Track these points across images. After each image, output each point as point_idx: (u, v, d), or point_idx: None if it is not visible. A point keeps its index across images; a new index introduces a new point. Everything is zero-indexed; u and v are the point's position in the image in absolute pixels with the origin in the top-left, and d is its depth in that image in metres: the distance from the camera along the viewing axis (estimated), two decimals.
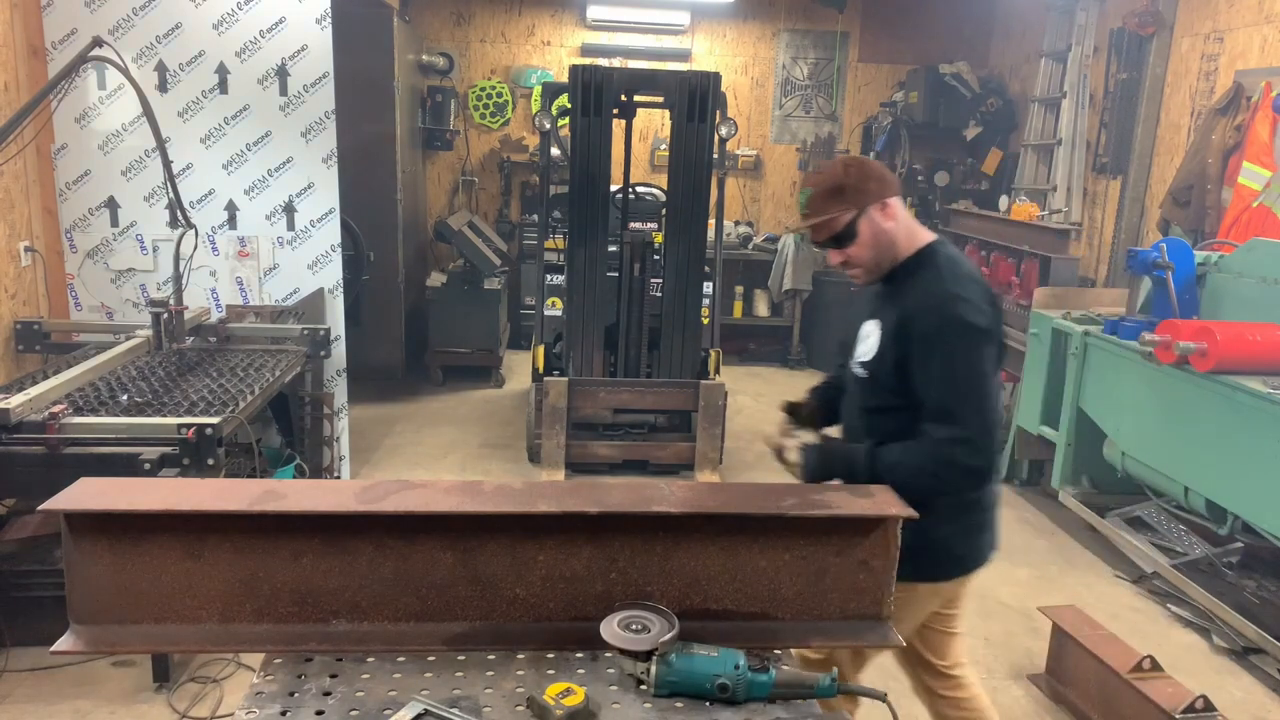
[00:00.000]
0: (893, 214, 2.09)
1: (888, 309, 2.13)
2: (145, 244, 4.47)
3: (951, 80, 7.60)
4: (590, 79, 4.84)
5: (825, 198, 2.07)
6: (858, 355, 2.19)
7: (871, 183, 2.07)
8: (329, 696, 1.55)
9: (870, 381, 2.15)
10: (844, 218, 2.07)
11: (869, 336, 2.16)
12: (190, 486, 1.76)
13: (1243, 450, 3.49)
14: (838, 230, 2.09)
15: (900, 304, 2.10)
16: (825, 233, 2.10)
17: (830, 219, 2.07)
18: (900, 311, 2.08)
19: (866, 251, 2.11)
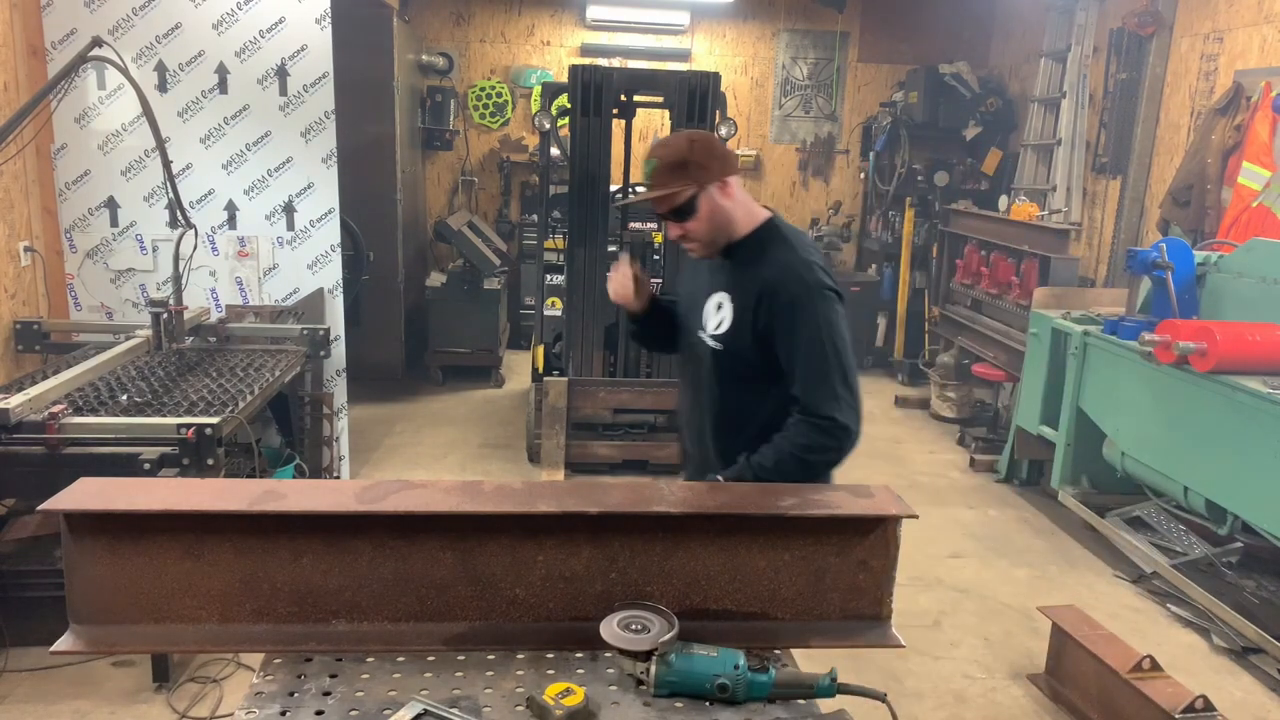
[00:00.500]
0: (731, 193, 2.14)
1: (739, 282, 2.17)
2: (145, 244, 4.47)
3: (951, 80, 7.60)
4: (590, 79, 4.84)
5: (669, 171, 2.10)
6: (709, 329, 2.19)
7: (715, 161, 2.12)
8: (329, 696, 1.55)
9: (725, 354, 2.17)
10: (685, 193, 2.10)
11: (721, 309, 2.18)
12: (190, 486, 1.76)
13: (1243, 450, 3.49)
14: (679, 204, 2.12)
15: (755, 277, 2.13)
16: (666, 205, 2.13)
17: (673, 193, 2.10)
18: (759, 284, 2.11)
19: (704, 226, 2.15)
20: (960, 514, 4.99)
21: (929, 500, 5.15)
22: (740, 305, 2.15)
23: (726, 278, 2.20)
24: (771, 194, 8.55)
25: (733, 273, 2.19)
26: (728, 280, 2.20)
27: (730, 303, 2.16)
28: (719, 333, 2.17)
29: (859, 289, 7.90)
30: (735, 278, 2.18)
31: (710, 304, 2.20)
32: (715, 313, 2.19)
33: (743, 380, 2.18)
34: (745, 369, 2.16)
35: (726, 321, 2.16)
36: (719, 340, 2.17)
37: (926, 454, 5.99)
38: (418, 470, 5.26)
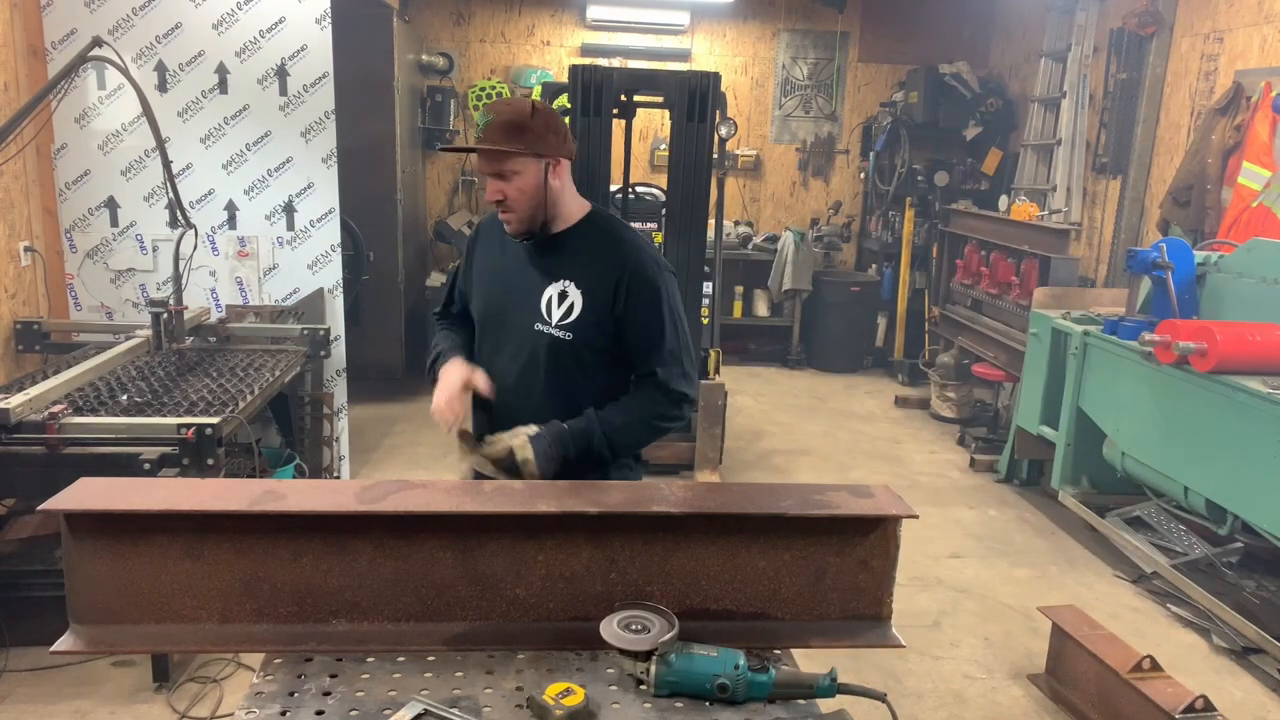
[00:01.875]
0: (561, 175, 2.13)
1: (585, 269, 2.15)
2: (145, 244, 4.47)
3: (951, 80, 7.60)
4: (590, 79, 4.84)
5: (506, 130, 2.04)
6: (552, 319, 2.14)
7: (553, 136, 2.09)
8: (329, 696, 1.55)
9: (574, 343, 2.14)
10: (518, 157, 2.06)
11: (566, 298, 2.14)
12: (190, 486, 1.76)
13: (1243, 450, 3.49)
14: (504, 166, 2.06)
15: (607, 262, 2.14)
16: (495, 165, 2.06)
17: (505, 152, 2.05)
18: (616, 270, 2.13)
19: (526, 199, 2.10)
20: (960, 514, 4.99)
21: (929, 500, 5.15)
22: (592, 292, 2.13)
23: (563, 266, 2.16)
24: (771, 194, 8.55)
25: (570, 261, 2.16)
26: (565, 269, 2.16)
27: (577, 290, 2.14)
28: (568, 322, 2.14)
29: (859, 289, 7.92)
30: (576, 266, 2.16)
31: (548, 295, 2.15)
32: (559, 302, 2.15)
33: (584, 366, 2.17)
34: (592, 354, 2.16)
35: (577, 309, 2.13)
36: (568, 329, 2.14)
37: (926, 454, 5.99)
38: (418, 470, 5.26)
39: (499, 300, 2.25)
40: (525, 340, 2.18)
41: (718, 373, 5.23)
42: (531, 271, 2.19)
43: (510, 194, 2.09)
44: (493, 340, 2.26)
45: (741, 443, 5.95)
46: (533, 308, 2.16)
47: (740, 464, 5.61)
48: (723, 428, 5.15)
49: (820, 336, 7.98)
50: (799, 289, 7.80)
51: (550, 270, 2.17)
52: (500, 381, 2.21)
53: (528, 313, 2.17)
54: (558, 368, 2.17)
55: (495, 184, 2.09)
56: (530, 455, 2.03)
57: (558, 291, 2.15)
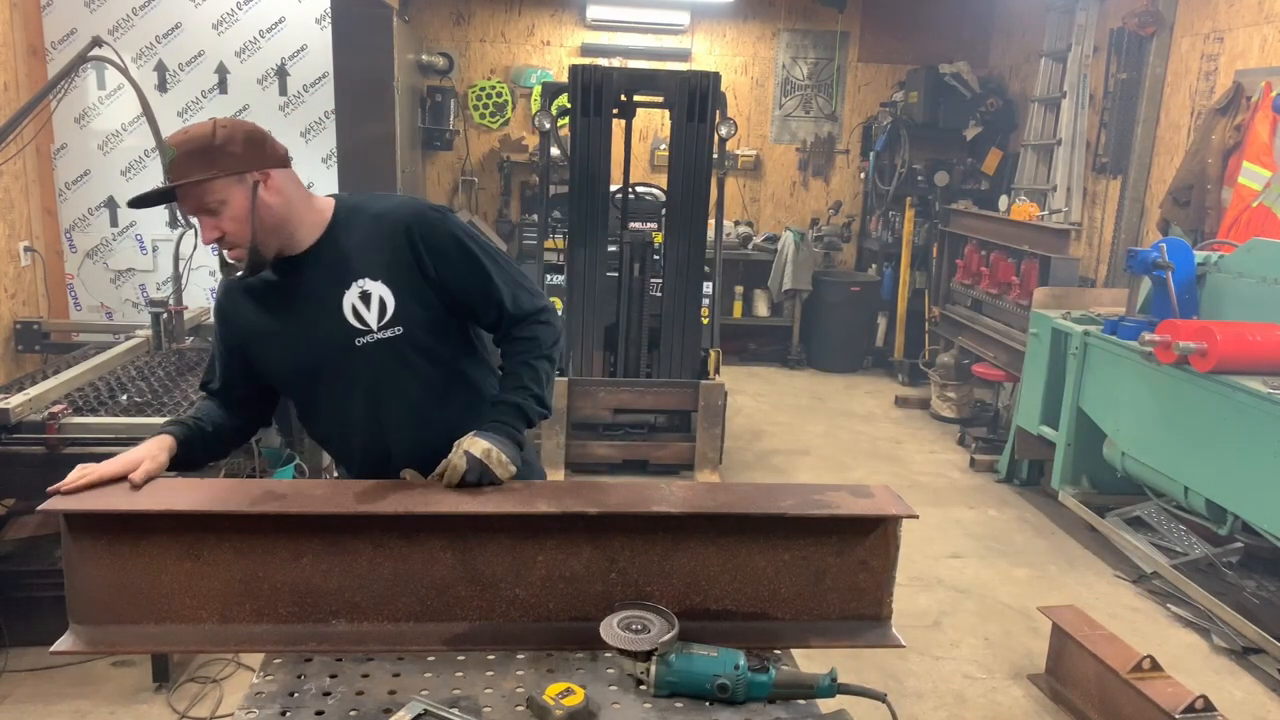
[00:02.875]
0: (277, 187, 1.84)
1: (365, 262, 1.90)
2: (145, 244, 4.48)
3: (951, 80, 7.60)
4: (590, 79, 4.84)
5: (190, 160, 1.76)
6: (374, 324, 1.89)
7: (248, 148, 1.80)
8: (329, 697, 1.55)
9: (409, 334, 1.91)
10: (214, 185, 1.78)
11: (371, 298, 1.89)
12: (190, 486, 1.76)
13: (1243, 450, 3.49)
14: (206, 200, 1.78)
15: (380, 243, 1.91)
16: (194, 202, 1.79)
17: (196, 184, 1.76)
18: (394, 243, 1.91)
19: (242, 227, 1.81)
20: (960, 514, 4.99)
21: (929, 500, 5.15)
22: (391, 275, 1.90)
23: (344, 270, 1.90)
24: (771, 194, 8.55)
25: (348, 261, 1.90)
26: (349, 271, 1.90)
27: (376, 283, 1.89)
28: (389, 318, 1.90)
29: (859, 289, 7.92)
30: (356, 262, 1.90)
31: (349, 304, 1.89)
32: (367, 306, 1.89)
33: (429, 351, 1.96)
34: (430, 334, 1.95)
35: (390, 303, 1.90)
36: (395, 325, 1.90)
37: (926, 454, 5.99)
38: None
39: (297, 344, 1.94)
40: (356, 364, 1.92)
41: (718, 373, 5.23)
42: (316, 296, 1.91)
43: (227, 228, 1.81)
44: (318, 387, 1.98)
45: (741, 443, 5.94)
46: (342, 326, 1.89)
47: (740, 464, 5.60)
48: (723, 428, 5.15)
49: (820, 336, 7.98)
50: (799, 289, 7.80)
51: (334, 281, 1.90)
52: (364, 428, 1.98)
53: (339, 334, 1.90)
54: (405, 369, 1.94)
55: (207, 223, 1.82)
56: (487, 444, 1.83)
57: (358, 295, 1.89)
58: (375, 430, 1.98)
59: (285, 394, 2.09)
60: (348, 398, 1.96)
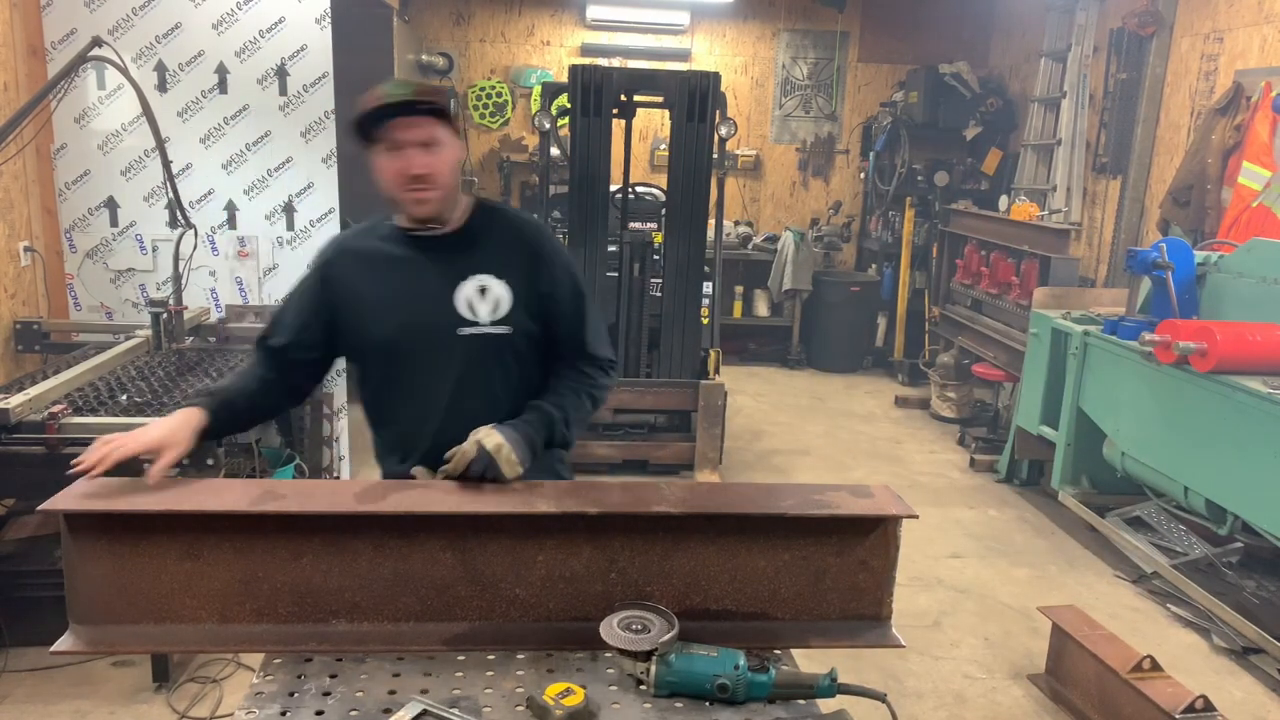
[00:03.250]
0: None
1: (494, 259, 2.00)
2: (145, 244, 4.47)
3: (951, 80, 7.60)
4: (590, 79, 4.84)
5: (432, 95, 1.88)
6: (482, 318, 1.97)
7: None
8: (329, 696, 1.55)
9: (513, 336, 2.01)
10: (444, 126, 1.89)
11: (488, 293, 1.98)
12: (190, 486, 1.76)
13: (1243, 450, 3.49)
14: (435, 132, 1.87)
15: (512, 247, 2.02)
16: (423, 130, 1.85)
17: (438, 111, 1.87)
18: (524, 252, 2.03)
19: (448, 173, 1.91)
20: (960, 514, 4.99)
21: (929, 500, 5.15)
22: (515, 279, 2.00)
23: (469, 262, 1.99)
24: (771, 194, 8.55)
25: (476, 254, 2.00)
26: (474, 263, 1.98)
27: (498, 281, 1.98)
28: (500, 316, 1.98)
29: (859, 289, 7.92)
30: (485, 257, 1.99)
31: (464, 295, 1.97)
32: (481, 299, 1.97)
33: (521, 358, 2.05)
34: (527, 343, 2.04)
35: (505, 302, 1.98)
36: (504, 324, 1.99)
37: (926, 454, 5.99)
38: None
39: (404, 320, 1.99)
40: (453, 352, 1.98)
41: (718, 373, 5.23)
42: (431, 277, 1.98)
43: (437, 166, 1.88)
44: (406, 366, 2.02)
45: (741, 443, 5.94)
46: (450, 314, 1.97)
47: (740, 464, 5.60)
48: (723, 428, 5.15)
49: (820, 336, 7.98)
50: (799, 289, 7.80)
51: (456, 269, 1.99)
52: (442, 417, 2.01)
53: (446, 320, 1.97)
54: (497, 368, 2.02)
55: (420, 157, 1.86)
56: (501, 440, 1.84)
57: (476, 288, 1.98)
58: (454, 420, 1.97)
59: (361, 365, 2.09)
60: (435, 383, 2.01)
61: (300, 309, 2.06)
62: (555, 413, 2.01)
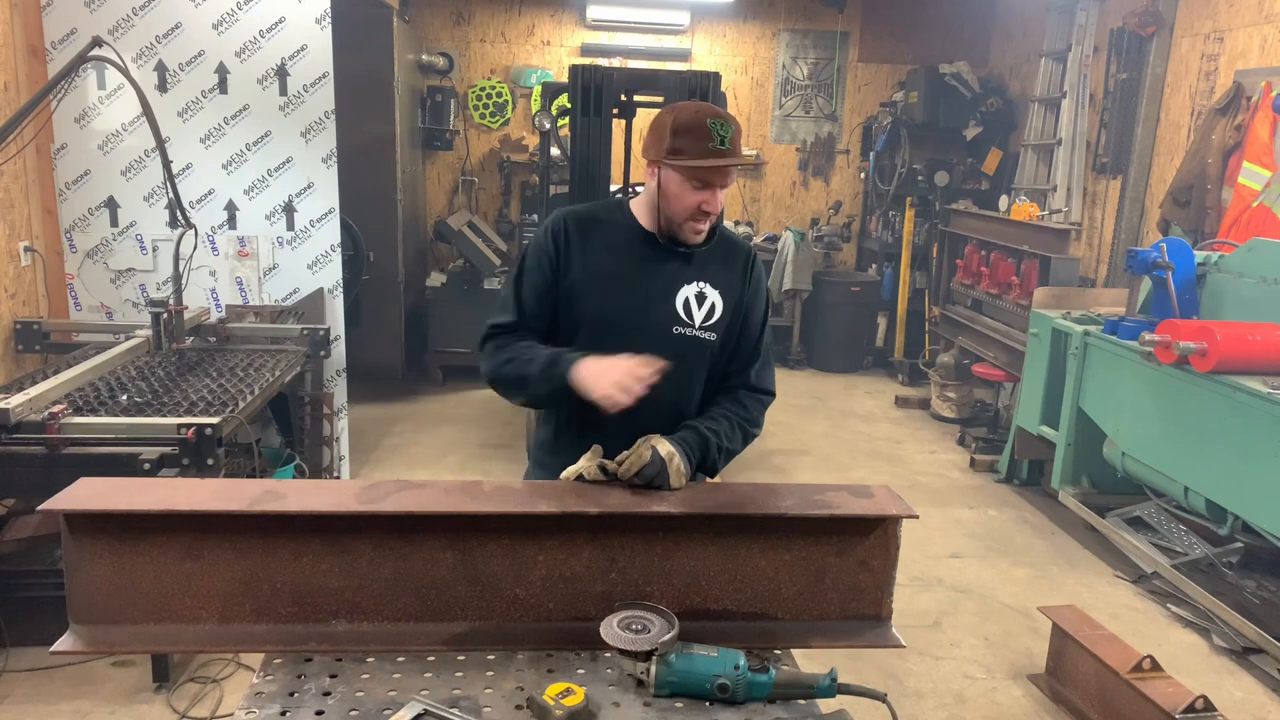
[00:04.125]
0: None
1: (712, 269, 2.11)
2: (145, 244, 4.47)
3: (951, 80, 7.60)
4: (590, 79, 4.84)
5: (739, 139, 1.99)
6: (696, 322, 2.08)
7: None
8: (329, 696, 1.55)
9: (716, 344, 2.12)
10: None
11: (706, 300, 2.09)
12: (190, 486, 1.76)
13: (1243, 450, 3.49)
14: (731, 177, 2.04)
15: (727, 260, 2.13)
16: (728, 176, 2.01)
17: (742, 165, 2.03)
18: (738, 266, 2.15)
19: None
20: (960, 514, 4.99)
21: (929, 500, 5.15)
22: (727, 291, 2.12)
23: (692, 268, 2.10)
24: (772, 194, 8.55)
25: (698, 262, 2.11)
26: (696, 270, 2.10)
27: (713, 290, 2.10)
28: (711, 323, 2.10)
29: (859, 289, 7.91)
30: (707, 266, 2.11)
31: (684, 298, 2.09)
32: (699, 305, 2.10)
33: (709, 364, 2.15)
34: (721, 352, 2.14)
35: (719, 310, 2.11)
36: (711, 330, 2.10)
37: (926, 454, 5.99)
38: (418, 470, 5.26)
39: (627, 303, 2.08)
40: (662, 345, 2.03)
41: None
42: (659, 274, 2.09)
43: (722, 203, 2.05)
44: (614, 345, 2.03)
45: None
46: (669, 311, 2.08)
47: (740, 464, 5.57)
48: None
49: (820, 336, 7.98)
50: (799, 289, 7.80)
51: (679, 272, 2.10)
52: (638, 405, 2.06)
53: (664, 316, 2.08)
54: (695, 369, 2.13)
55: (718, 198, 2.02)
56: (673, 449, 1.90)
57: (695, 293, 2.10)
58: (643, 409, 1.98)
59: (569, 336, 2.11)
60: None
61: (533, 283, 2.12)
62: (712, 439, 2.05)
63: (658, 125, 2.02)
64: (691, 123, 1.95)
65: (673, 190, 2.01)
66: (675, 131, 1.96)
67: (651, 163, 2.05)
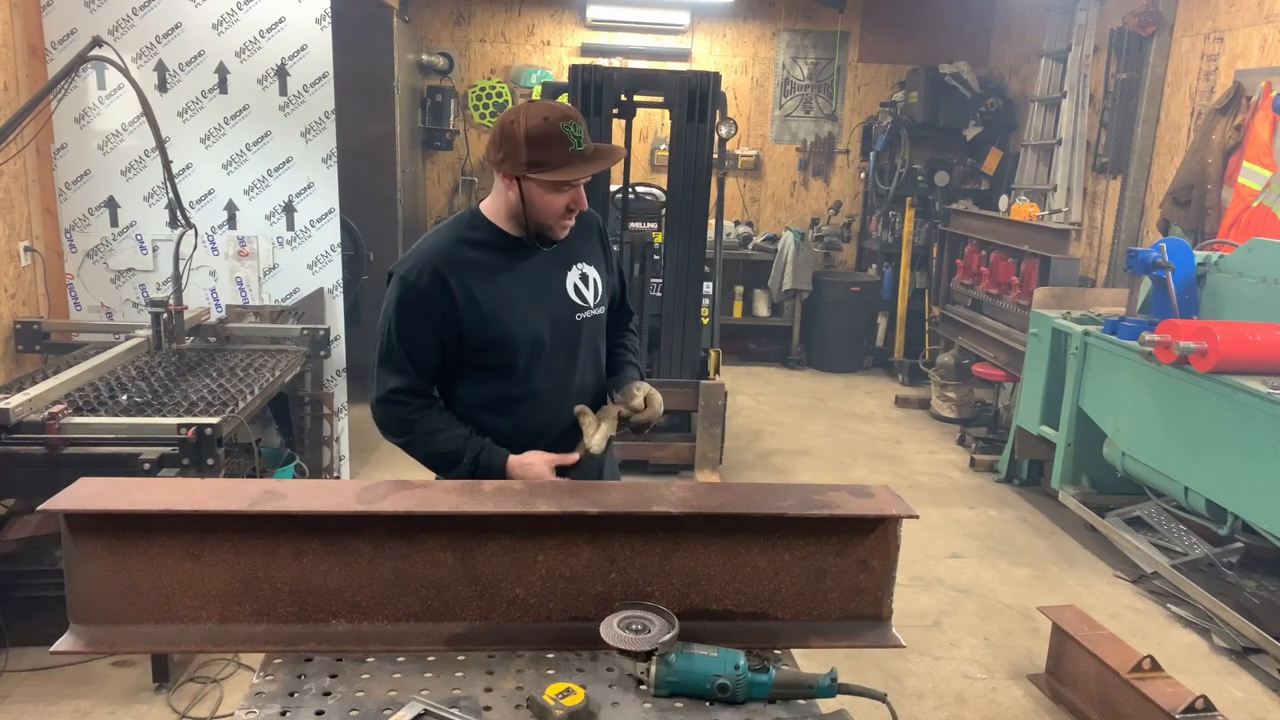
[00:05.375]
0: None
1: (577, 248, 2.19)
2: (145, 244, 4.47)
3: (951, 80, 7.60)
4: (590, 79, 4.84)
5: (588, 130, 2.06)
6: (591, 303, 2.18)
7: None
8: (329, 696, 1.55)
9: (605, 314, 2.26)
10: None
11: (588, 279, 2.19)
12: (190, 486, 1.76)
13: (1243, 450, 3.49)
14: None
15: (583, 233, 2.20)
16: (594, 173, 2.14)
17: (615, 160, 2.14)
18: (593, 235, 2.25)
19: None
20: (960, 514, 4.99)
21: (929, 500, 5.15)
22: (596, 261, 2.23)
23: (563, 255, 2.16)
24: (771, 194, 8.55)
25: (567, 248, 2.16)
26: (567, 256, 2.16)
27: (591, 267, 2.20)
28: (600, 296, 2.22)
29: (859, 289, 7.92)
30: (569, 249, 2.17)
31: (571, 285, 2.16)
32: (586, 286, 2.18)
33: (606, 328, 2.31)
34: (609, 316, 2.31)
35: (600, 285, 2.22)
36: (601, 305, 2.23)
37: (926, 454, 5.99)
38: (418, 470, 5.23)
39: (529, 313, 2.09)
40: (574, 336, 2.17)
41: (718, 373, 5.23)
42: (542, 274, 2.13)
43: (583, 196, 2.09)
44: (539, 355, 2.12)
45: (741, 443, 5.94)
46: (566, 303, 2.15)
47: (740, 464, 5.60)
48: (723, 428, 5.15)
49: (820, 336, 7.98)
50: (799, 289, 7.80)
51: (556, 264, 2.15)
52: (575, 395, 2.18)
53: (565, 310, 2.15)
54: (602, 343, 2.28)
55: (581, 191, 2.06)
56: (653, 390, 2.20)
57: (578, 276, 2.17)
58: (580, 397, 2.19)
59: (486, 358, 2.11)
60: (570, 366, 2.18)
61: (421, 338, 2.06)
62: (642, 367, 2.35)
63: (507, 136, 1.94)
64: (543, 131, 1.91)
65: (538, 200, 2.00)
66: (530, 143, 1.91)
67: (507, 175, 1.99)
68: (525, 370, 2.13)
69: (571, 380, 2.19)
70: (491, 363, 2.11)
